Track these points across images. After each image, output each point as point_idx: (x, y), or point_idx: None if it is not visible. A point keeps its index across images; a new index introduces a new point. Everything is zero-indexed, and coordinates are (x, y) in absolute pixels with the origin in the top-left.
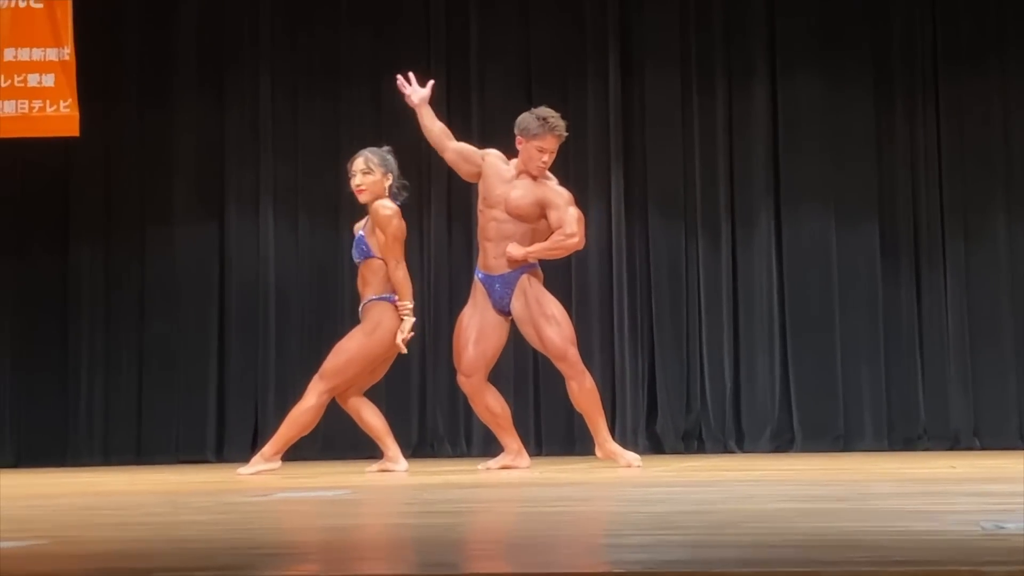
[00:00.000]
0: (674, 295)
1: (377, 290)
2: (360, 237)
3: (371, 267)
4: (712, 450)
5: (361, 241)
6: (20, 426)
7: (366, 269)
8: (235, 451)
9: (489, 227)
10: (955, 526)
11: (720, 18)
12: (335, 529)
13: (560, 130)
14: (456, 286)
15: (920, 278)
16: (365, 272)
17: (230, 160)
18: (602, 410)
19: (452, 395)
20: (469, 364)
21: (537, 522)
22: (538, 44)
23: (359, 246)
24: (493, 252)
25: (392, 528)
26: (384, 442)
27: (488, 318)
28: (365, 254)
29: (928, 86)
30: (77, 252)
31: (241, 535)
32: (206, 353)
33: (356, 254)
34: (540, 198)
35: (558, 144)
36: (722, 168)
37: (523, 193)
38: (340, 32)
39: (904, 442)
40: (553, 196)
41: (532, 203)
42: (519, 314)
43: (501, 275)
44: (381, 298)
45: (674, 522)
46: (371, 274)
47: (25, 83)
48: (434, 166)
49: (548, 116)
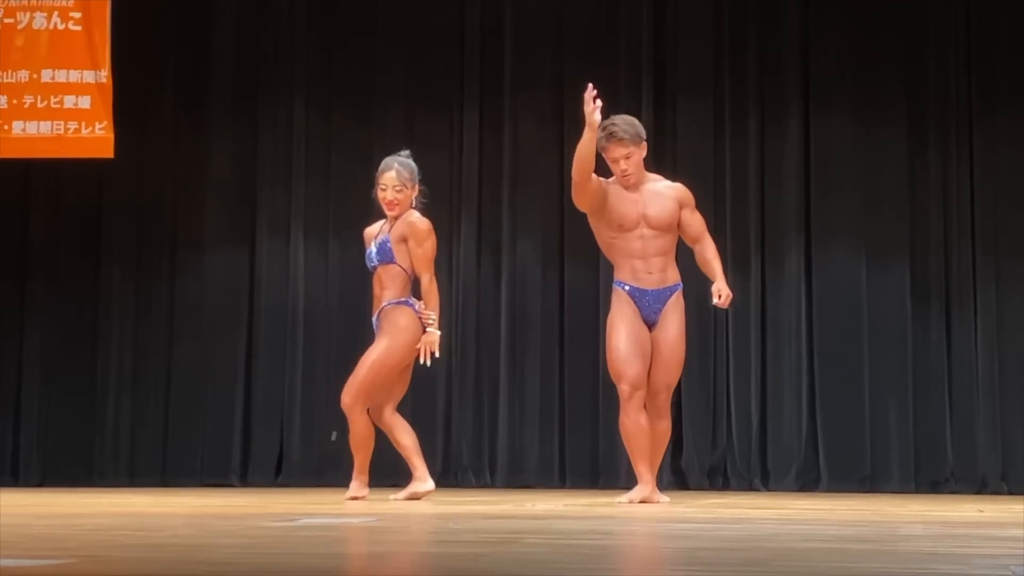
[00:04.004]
0: (702, 330)
1: (397, 294)
2: (386, 241)
3: (391, 272)
4: (737, 487)
5: (386, 245)
6: (46, 445)
7: (385, 274)
8: (259, 476)
9: (635, 247)
10: (985, 571)
11: (754, 55)
12: (361, 557)
13: (614, 132)
14: (483, 315)
15: (950, 320)
16: (384, 277)
17: (262, 184)
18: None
19: (477, 424)
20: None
21: (564, 555)
22: (571, 76)
23: (383, 250)
24: (644, 268)
25: (418, 557)
26: (412, 462)
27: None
28: (389, 259)
29: (962, 128)
30: (108, 273)
31: (268, 560)
32: (233, 377)
33: (378, 258)
34: (673, 202)
35: (623, 148)
36: (753, 205)
37: (653, 204)
38: (374, 59)
39: (931, 484)
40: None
41: (671, 212)
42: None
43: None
44: (400, 302)
45: (701, 558)
46: (390, 279)
47: (61, 104)
48: (464, 194)
49: (605, 124)
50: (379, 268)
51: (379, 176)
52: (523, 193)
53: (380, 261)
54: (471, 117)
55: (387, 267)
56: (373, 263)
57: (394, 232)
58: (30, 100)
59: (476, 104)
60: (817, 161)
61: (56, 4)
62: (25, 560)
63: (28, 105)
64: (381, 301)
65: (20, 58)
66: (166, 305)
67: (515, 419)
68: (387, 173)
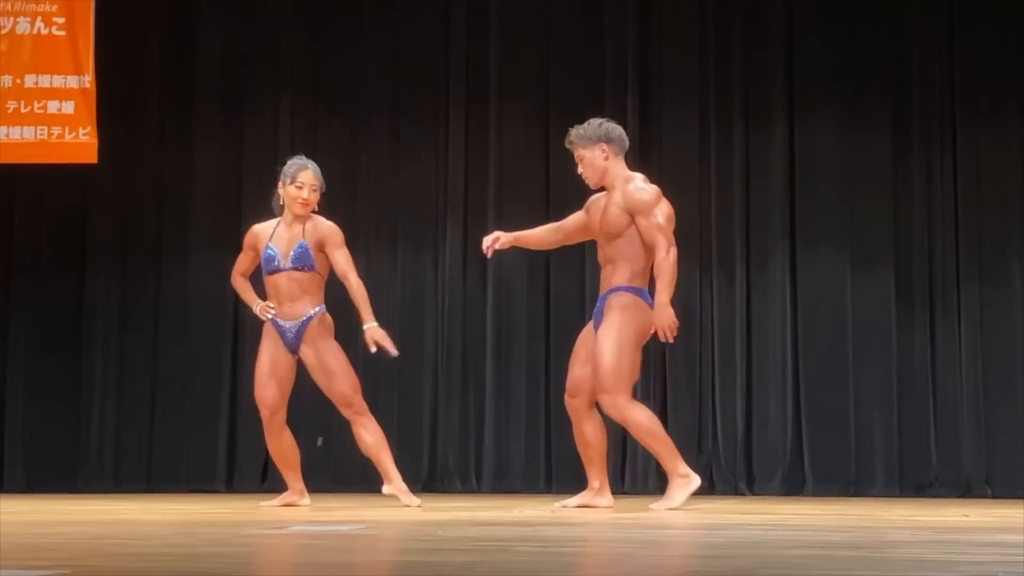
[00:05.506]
0: (687, 336)
1: (318, 301)
2: (303, 247)
3: (310, 279)
4: (722, 492)
5: (307, 252)
6: (32, 451)
7: (304, 280)
8: (245, 481)
9: (600, 255)
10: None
11: (739, 60)
12: (352, 565)
13: (567, 139)
14: (470, 324)
15: (934, 324)
16: (303, 282)
17: (247, 190)
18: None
19: (463, 430)
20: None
21: (554, 564)
22: (556, 82)
23: (302, 256)
24: (601, 276)
25: (407, 566)
26: (287, 477)
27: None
28: (309, 265)
29: (945, 131)
30: (92, 280)
31: (263, 571)
32: (218, 383)
33: (295, 263)
34: (620, 206)
35: (576, 152)
36: (738, 210)
37: (604, 211)
38: (360, 65)
39: (915, 488)
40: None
41: (616, 215)
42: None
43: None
44: (322, 309)
45: (689, 567)
46: (312, 285)
47: (45, 109)
48: (450, 200)
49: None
50: (293, 273)
51: (294, 174)
52: (509, 199)
53: (297, 267)
54: (456, 123)
55: (305, 273)
56: (279, 266)
57: (310, 238)
58: (13, 105)
59: (462, 110)
60: (802, 167)
61: (40, 9)
62: (19, 571)
63: (11, 110)
64: (297, 307)
65: (3, 63)
66: (151, 311)
67: (501, 424)
68: (305, 172)
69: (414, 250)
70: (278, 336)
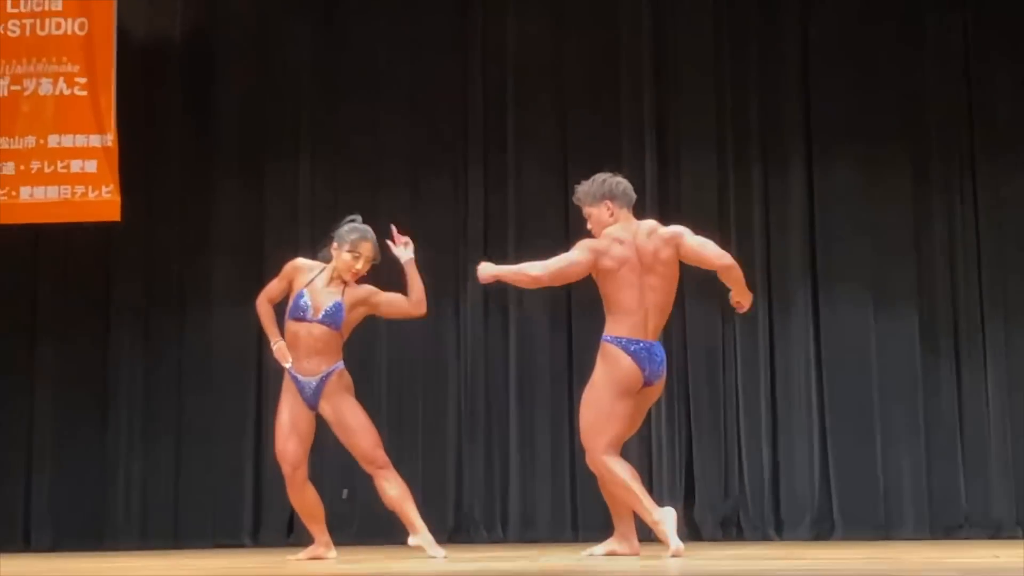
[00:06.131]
0: (711, 380)
1: (336, 359)
2: (339, 307)
3: (334, 337)
4: (751, 537)
5: (340, 312)
6: (58, 509)
7: (327, 337)
8: (271, 535)
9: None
10: None
11: (755, 104)
12: None
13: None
14: (492, 373)
15: (960, 363)
16: (326, 339)
17: (269, 245)
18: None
19: (488, 479)
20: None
21: None
22: (574, 131)
23: (334, 316)
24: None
25: None
26: (313, 529)
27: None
28: (336, 325)
29: (965, 172)
30: (117, 335)
31: None
32: (242, 437)
33: (325, 320)
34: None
35: (583, 210)
36: (759, 255)
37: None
38: (378, 118)
39: (945, 530)
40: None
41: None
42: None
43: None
44: (340, 366)
45: None
46: (333, 343)
47: (68, 169)
48: (470, 250)
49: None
50: (316, 328)
51: (354, 242)
52: (528, 247)
53: (326, 323)
54: (475, 173)
55: (329, 331)
56: (306, 316)
57: (348, 298)
58: (37, 165)
59: (480, 160)
60: (821, 210)
61: (62, 70)
62: None
63: (35, 170)
64: (315, 363)
65: (27, 124)
66: (175, 365)
67: (526, 473)
68: (365, 244)
69: (435, 301)
70: (297, 391)
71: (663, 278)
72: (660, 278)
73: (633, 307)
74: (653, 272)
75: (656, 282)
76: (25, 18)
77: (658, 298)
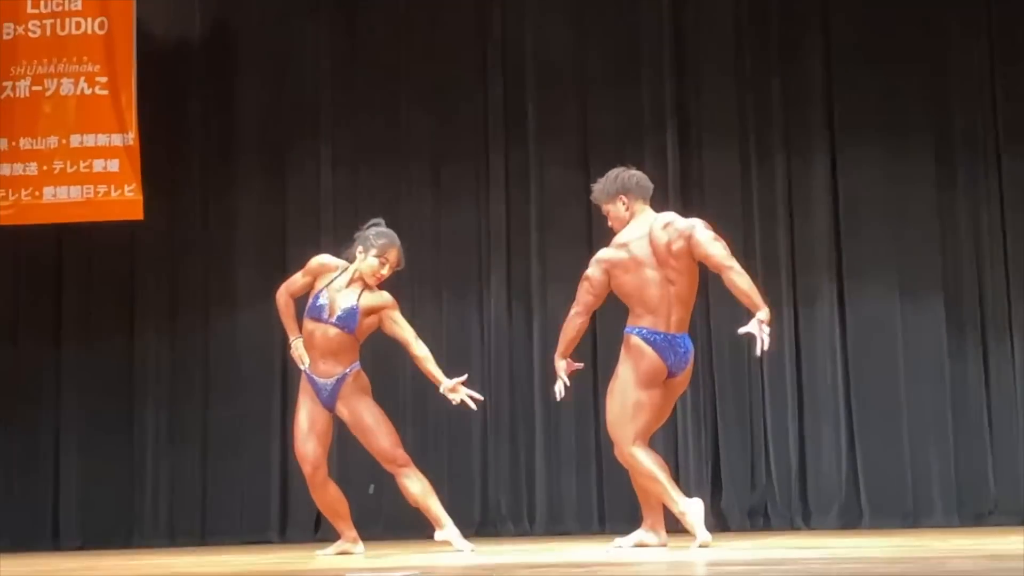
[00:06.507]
0: (736, 371)
1: (352, 360)
2: (355, 311)
3: (348, 340)
4: (778, 527)
5: (355, 316)
6: (86, 509)
7: (342, 340)
8: (298, 532)
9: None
10: None
11: (778, 94)
12: None
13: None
14: (517, 366)
15: (987, 350)
16: (341, 341)
17: (291, 242)
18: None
19: (514, 473)
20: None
21: None
22: (595, 123)
23: (349, 319)
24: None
25: None
26: (339, 526)
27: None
28: (350, 328)
29: (990, 160)
30: (142, 334)
31: None
32: (268, 434)
33: (339, 323)
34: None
35: (601, 207)
36: (783, 245)
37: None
38: (400, 115)
39: (975, 517)
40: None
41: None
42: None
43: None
44: (357, 367)
45: None
46: (349, 346)
47: (91, 168)
48: (493, 243)
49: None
50: (331, 330)
51: (382, 248)
52: (551, 240)
53: (340, 326)
54: (497, 166)
55: (344, 334)
56: (322, 317)
57: (364, 304)
58: (59, 165)
59: (501, 153)
60: (845, 199)
61: (83, 70)
62: None
63: (58, 170)
64: (331, 364)
65: (49, 124)
66: (201, 364)
67: (552, 466)
68: (392, 251)
69: (458, 295)
70: (314, 393)
71: (679, 271)
72: (676, 271)
73: (654, 302)
74: (668, 265)
75: (674, 275)
76: (45, 18)
77: (679, 290)
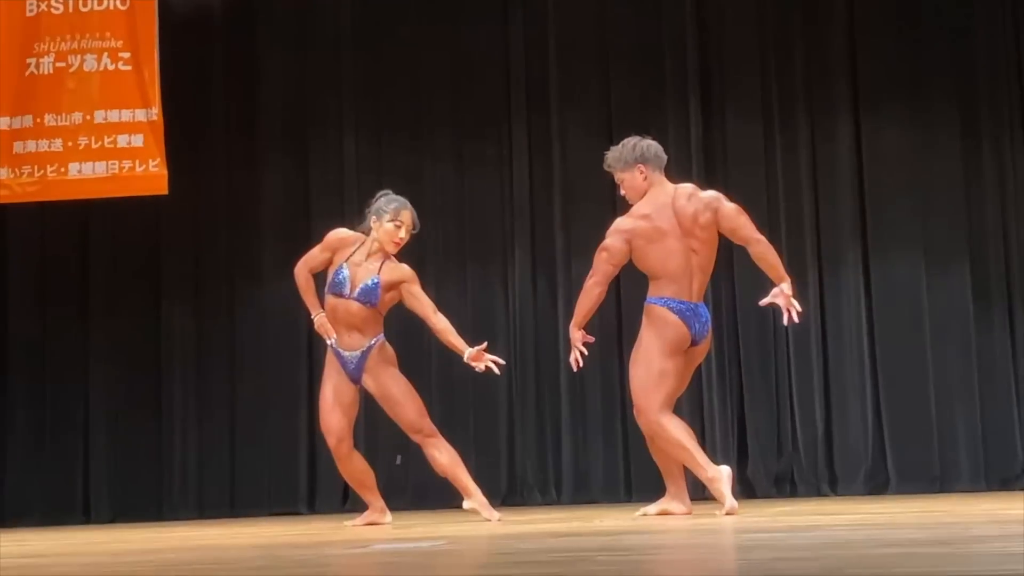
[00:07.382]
0: (762, 339)
1: (376, 333)
2: (376, 285)
3: (371, 314)
4: (805, 494)
5: (376, 290)
6: (116, 483)
7: (365, 314)
8: (326, 503)
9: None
10: None
11: (801, 62)
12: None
13: (605, 163)
14: (542, 336)
15: (1013, 316)
16: (365, 315)
17: (315, 214)
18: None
19: (541, 443)
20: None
21: (637, 571)
22: (618, 91)
23: (371, 293)
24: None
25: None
26: (367, 498)
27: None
28: (372, 303)
29: (1016, 125)
30: (169, 309)
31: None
32: (296, 407)
33: (361, 297)
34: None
35: (615, 176)
36: (807, 212)
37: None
38: (420, 84)
39: (1001, 482)
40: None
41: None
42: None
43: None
44: (381, 339)
45: (776, 569)
46: (373, 320)
47: (115, 144)
48: (517, 214)
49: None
50: (353, 304)
51: (395, 211)
52: (575, 210)
53: (361, 300)
54: (519, 137)
55: (366, 308)
56: (344, 292)
57: (385, 278)
58: (84, 141)
59: (524, 124)
60: (870, 166)
61: (106, 45)
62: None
63: (83, 146)
64: (356, 337)
65: (73, 100)
66: (227, 338)
67: (578, 436)
68: (405, 212)
69: (483, 265)
70: (340, 366)
71: (703, 241)
72: (700, 241)
73: (678, 272)
74: (693, 235)
75: (697, 245)
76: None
77: (700, 260)
